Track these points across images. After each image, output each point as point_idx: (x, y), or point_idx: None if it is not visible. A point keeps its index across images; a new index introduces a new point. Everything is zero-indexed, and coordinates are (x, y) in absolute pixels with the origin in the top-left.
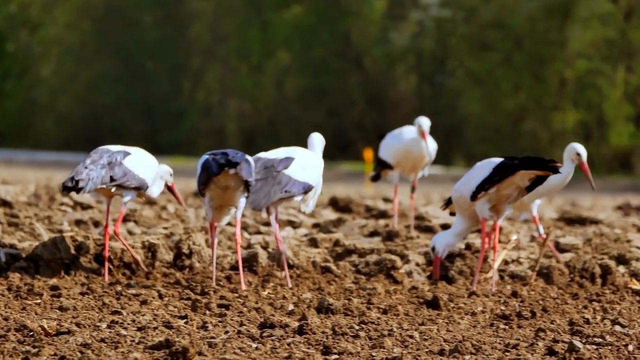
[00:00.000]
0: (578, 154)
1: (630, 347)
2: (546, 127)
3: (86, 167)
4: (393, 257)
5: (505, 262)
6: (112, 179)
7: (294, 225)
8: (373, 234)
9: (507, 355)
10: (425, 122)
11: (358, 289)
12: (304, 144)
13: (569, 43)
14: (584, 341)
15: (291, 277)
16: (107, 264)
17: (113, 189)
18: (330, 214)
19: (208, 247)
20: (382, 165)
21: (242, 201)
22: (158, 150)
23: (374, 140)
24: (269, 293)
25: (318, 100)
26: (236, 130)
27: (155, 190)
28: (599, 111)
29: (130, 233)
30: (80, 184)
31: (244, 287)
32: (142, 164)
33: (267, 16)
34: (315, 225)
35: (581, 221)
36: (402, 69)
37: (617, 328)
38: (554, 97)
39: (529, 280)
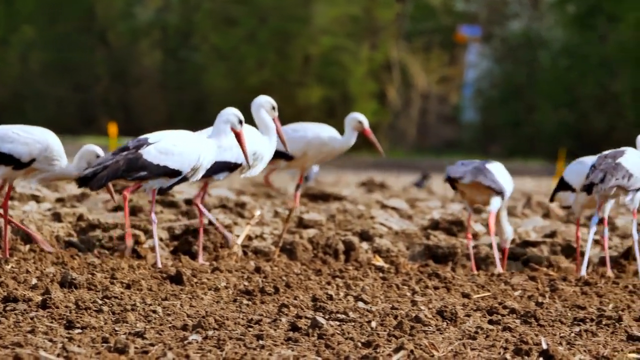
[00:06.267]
0: None
1: (373, 324)
2: (290, 103)
3: None
4: (137, 231)
5: (249, 238)
6: None
7: (37, 199)
8: (117, 208)
9: (250, 331)
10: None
11: (102, 264)
12: (47, 117)
13: (314, 19)
14: (327, 317)
15: (34, 251)
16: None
17: None
18: (74, 189)
19: None
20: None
21: None
22: None
23: (118, 115)
24: (12, 267)
25: (63, 75)
26: None
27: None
28: (343, 87)
29: None
30: None
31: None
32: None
33: None
34: (59, 200)
35: (325, 197)
36: (147, 44)
37: (360, 304)
38: (298, 73)
39: (272, 255)
